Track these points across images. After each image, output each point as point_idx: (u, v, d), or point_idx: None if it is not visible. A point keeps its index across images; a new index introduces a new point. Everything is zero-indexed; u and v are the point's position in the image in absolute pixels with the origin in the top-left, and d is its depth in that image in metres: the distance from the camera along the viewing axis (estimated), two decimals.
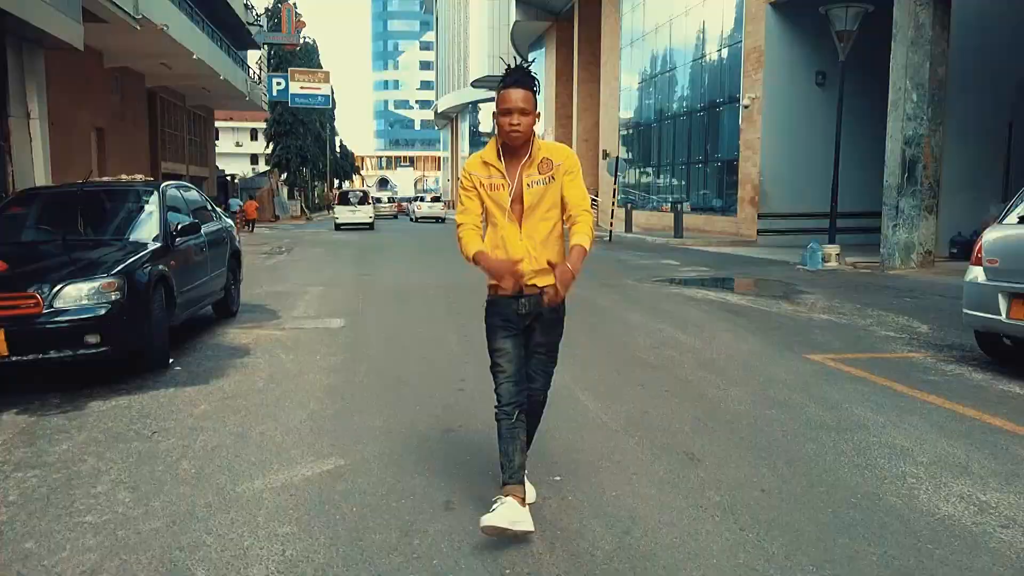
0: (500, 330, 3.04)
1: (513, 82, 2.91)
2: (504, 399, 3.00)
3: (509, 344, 3.04)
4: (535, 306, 3.01)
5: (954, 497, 3.39)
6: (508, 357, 3.03)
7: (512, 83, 2.91)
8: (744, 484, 3.53)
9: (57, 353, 5.28)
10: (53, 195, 7.60)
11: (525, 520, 2.84)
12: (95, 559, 2.86)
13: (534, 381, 3.15)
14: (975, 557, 2.82)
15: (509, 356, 3.03)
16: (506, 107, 2.90)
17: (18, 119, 12.21)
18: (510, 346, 3.04)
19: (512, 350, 3.04)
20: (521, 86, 2.91)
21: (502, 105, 2.91)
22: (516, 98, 2.89)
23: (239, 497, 3.42)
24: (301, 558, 2.84)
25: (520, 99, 2.89)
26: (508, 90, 2.90)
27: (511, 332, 3.04)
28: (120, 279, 5.58)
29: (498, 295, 3.03)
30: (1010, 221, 6.01)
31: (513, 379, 3.02)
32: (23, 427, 4.57)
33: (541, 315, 3.04)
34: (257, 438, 4.25)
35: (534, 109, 2.93)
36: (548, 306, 2.94)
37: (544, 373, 3.18)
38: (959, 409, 4.81)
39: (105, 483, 3.62)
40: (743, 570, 2.71)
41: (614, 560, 2.79)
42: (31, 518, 3.24)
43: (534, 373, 3.15)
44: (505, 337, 3.04)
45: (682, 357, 6.36)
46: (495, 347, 3.06)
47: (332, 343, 7.03)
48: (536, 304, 3.00)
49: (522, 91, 2.90)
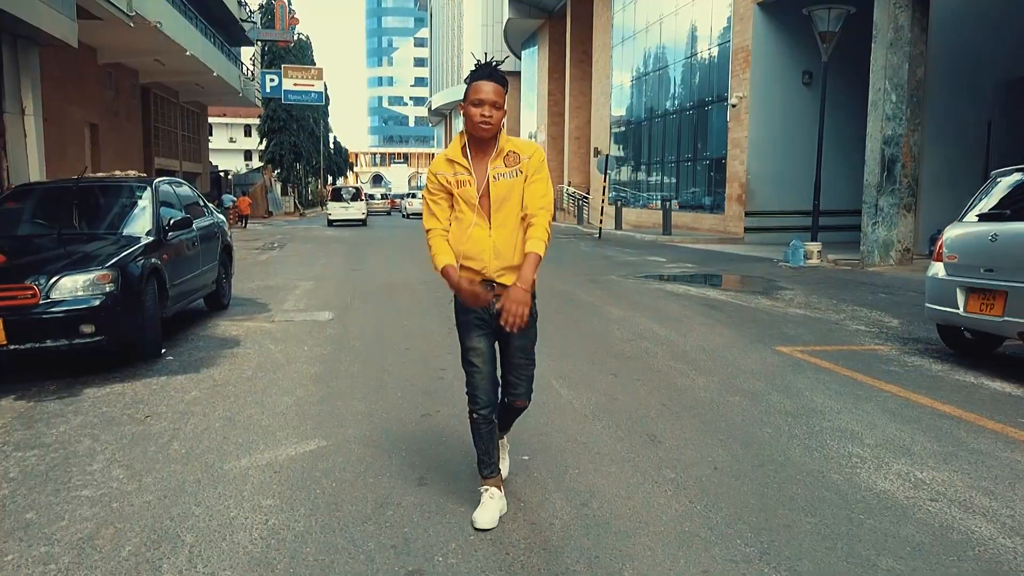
0: (474, 328, 3.02)
1: (486, 75, 2.89)
2: (482, 401, 3.02)
3: (484, 343, 3.02)
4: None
5: (892, 475, 3.64)
6: (483, 356, 3.02)
7: (484, 76, 2.89)
8: (698, 463, 3.78)
9: (53, 342, 5.50)
10: (48, 190, 7.79)
11: (504, 505, 3.14)
12: (91, 527, 3.09)
13: (517, 387, 3.14)
14: (901, 526, 3.08)
15: (483, 355, 3.02)
16: (478, 98, 2.86)
17: (12, 115, 12.40)
18: (485, 345, 3.02)
19: (487, 349, 3.03)
20: (493, 79, 2.88)
21: (474, 96, 2.87)
22: (488, 90, 2.86)
23: (226, 474, 3.66)
24: (282, 526, 3.08)
25: (492, 91, 2.86)
26: (480, 82, 2.87)
27: (484, 331, 3.02)
28: (114, 271, 5.80)
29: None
30: (970, 219, 6.27)
31: (489, 379, 3.03)
32: (21, 411, 4.79)
33: None
34: (244, 421, 4.49)
35: (504, 104, 2.90)
36: (509, 330, 2.87)
37: (526, 378, 3.16)
38: (913, 397, 5.07)
39: (100, 462, 3.85)
40: (687, 536, 2.96)
41: (571, 528, 3.04)
42: (31, 492, 3.46)
43: (516, 379, 3.13)
44: (480, 336, 3.02)
45: (656, 349, 6.61)
46: (469, 345, 3.03)
47: (320, 335, 7.26)
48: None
49: (494, 84, 2.87)
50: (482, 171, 2.95)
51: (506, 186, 2.93)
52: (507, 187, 2.93)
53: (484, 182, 2.94)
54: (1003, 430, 4.34)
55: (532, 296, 2.95)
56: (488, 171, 2.93)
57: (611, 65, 31.71)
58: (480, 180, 2.94)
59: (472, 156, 2.96)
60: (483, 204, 2.94)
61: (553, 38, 39.93)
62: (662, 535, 2.97)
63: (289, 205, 50.08)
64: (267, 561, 2.79)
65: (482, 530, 2.98)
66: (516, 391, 3.15)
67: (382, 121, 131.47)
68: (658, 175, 28.09)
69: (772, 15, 19.83)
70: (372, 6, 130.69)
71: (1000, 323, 5.60)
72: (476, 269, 2.97)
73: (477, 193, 2.94)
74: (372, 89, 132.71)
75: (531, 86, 45.30)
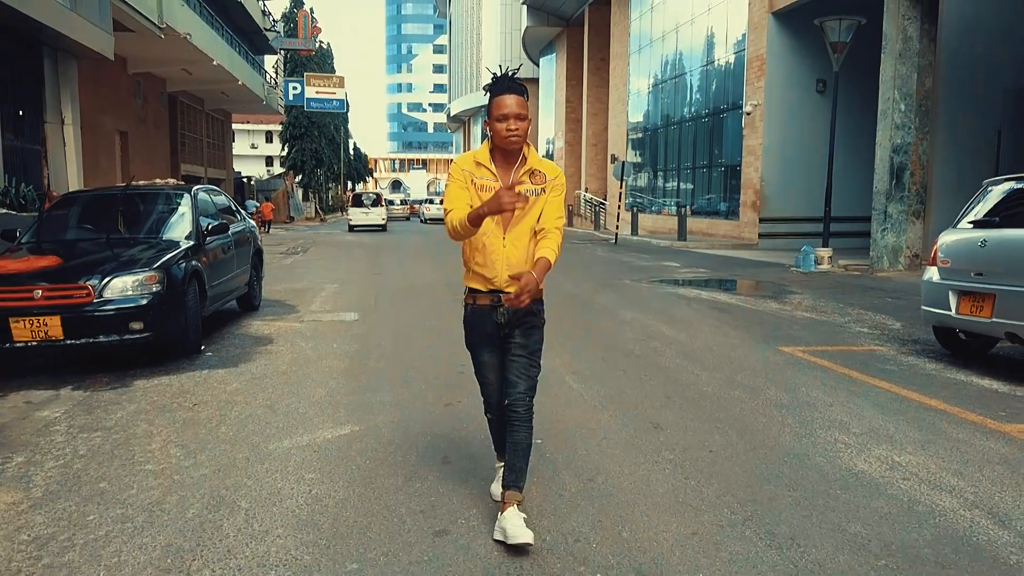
0: (481, 343, 3.20)
1: (506, 88, 2.93)
2: (493, 404, 3.28)
3: (493, 358, 3.19)
4: (513, 314, 3.07)
5: (872, 458, 4.01)
6: (493, 368, 3.21)
7: (505, 89, 2.93)
8: (696, 447, 4.17)
9: (106, 338, 5.98)
10: (93, 197, 8.31)
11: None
12: (158, 494, 3.53)
13: (516, 386, 3.08)
14: (873, 499, 3.45)
15: (493, 368, 3.21)
16: (503, 113, 2.90)
17: (53, 124, 12.99)
18: (493, 359, 3.20)
19: (495, 362, 3.20)
20: (515, 92, 2.93)
21: (498, 111, 2.92)
22: (512, 103, 2.90)
23: (271, 453, 4.09)
24: (324, 495, 3.50)
25: (516, 104, 2.90)
26: (503, 96, 2.92)
27: (492, 346, 3.18)
28: (160, 273, 6.28)
29: (477, 305, 3.14)
30: (963, 226, 6.60)
31: (496, 386, 3.23)
32: (80, 400, 5.26)
33: (519, 322, 3.10)
34: (284, 409, 4.93)
35: (528, 114, 2.95)
36: (507, 304, 2.97)
37: (526, 376, 3.10)
38: (903, 392, 5.42)
39: (158, 442, 4.30)
40: (680, 506, 3.35)
41: (577, 498, 3.44)
42: (101, 467, 3.91)
43: (516, 377, 3.09)
44: (488, 351, 3.19)
45: (664, 348, 6.99)
46: (480, 360, 3.24)
47: (347, 334, 7.70)
48: (514, 312, 3.05)
49: (517, 96, 2.92)
50: (507, 180, 3.00)
51: (531, 202, 3.01)
52: (531, 203, 3.00)
53: None
54: (982, 421, 4.69)
55: (540, 302, 3.13)
56: (514, 184, 2.97)
57: (628, 72, 32.09)
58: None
59: (498, 163, 3.04)
60: (504, 215, 2.99)
61: (571, 45, 40.38)
62: (658, 505, 3.37)
63: (310, 210, 50.81)
64: (313, 522, 3.21)
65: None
66: (515, 389, 3.07)
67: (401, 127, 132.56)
68: (674, 181, 28.41)
69: (786, 24, 20.14)
70: (392, 13, 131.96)
71: (989, 324, 5.93)
72: (488, 277, 3.06)
73: None
74: (392, 95, 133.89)
75: (549, 93, 45.77)
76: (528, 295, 2.88)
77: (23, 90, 12.33)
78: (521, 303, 2.89)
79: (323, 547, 2.98)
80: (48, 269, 6.17)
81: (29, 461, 4.01)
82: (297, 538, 3.06)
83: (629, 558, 2.88)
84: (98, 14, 13.15)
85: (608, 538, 3.05)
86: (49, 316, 5.81)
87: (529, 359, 3.12)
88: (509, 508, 3.01)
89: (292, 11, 44.01)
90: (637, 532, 3.10)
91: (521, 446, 3.06)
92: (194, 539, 3.05)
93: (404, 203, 56.75)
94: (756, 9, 21.04)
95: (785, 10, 19.88)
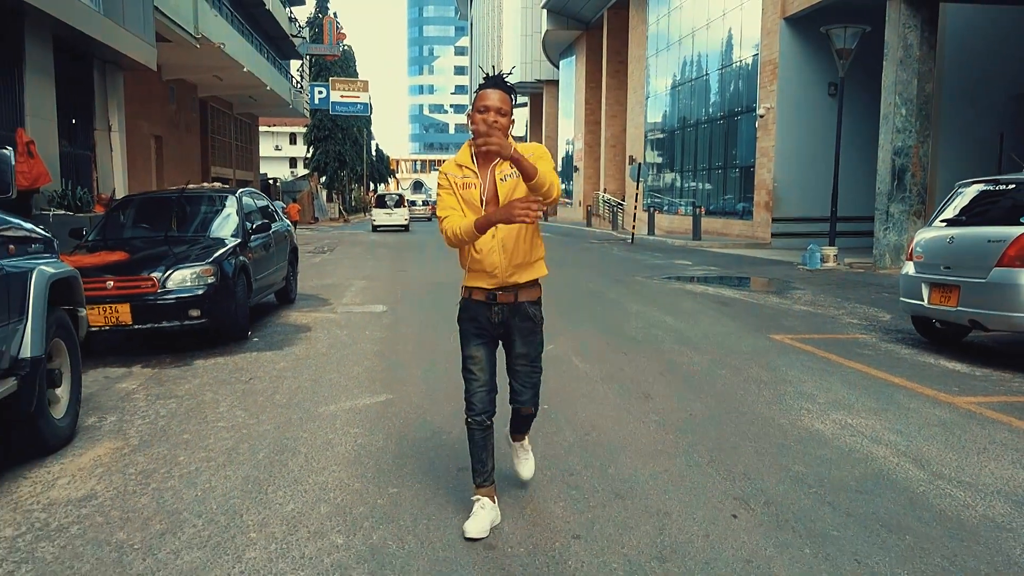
0: (474, 336, 3.13)
1: (492, 84, 2.98)
2: (477, 408, 3.11)
3: (483, 352, 3.11)
4: (509, 314, 3.08)
5: (829, 421, 4.71)
6: (481, 365, 3.11)
7: (491, 84, 2.98)
8: (678, 411, 4.90)
9: (168, 323, 6.81)
10: (150, 199, 9.17)
11: (497, 515, 3.19)
12: (232, 443, 4.31)
13: (521, 395, 3.15)
14: (819, 449, 4.16)
15: (482, 364, 3.11)
16: (484, 104, 2.92)
17: (101, 131, 13.95)
18: (484, 354, 3.11)
19: (485, 358, 3.12)
20: (500, 88, 2.97)
21: (480, 103, 2.94)
22: (495, 97, 2.93)
23: (321, 415, 4.87)
24: (367, 444, 4.27)
25: (498, 99, 2.93)
26: (487, 90, 2.96)
27: (484, 339, 3.12)
28: (215, 266, 7.10)
29: (472, 299, 3.13)
30: (937, 224, 7.26)
31: (486, 387, 3.12)
32: (150, 376, 6.08)
33: (516, 324, 3.11)
34: (327, 382, 5.71)
35: (511, 112, 2.98)
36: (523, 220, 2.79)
37: (530, 385, 3.18)
38: (872, 372, 6.10)
39: (224, 407, 5.10)
40: (657, 453, 4.09)
41: (574, 447, 4.19)
42: (181, 424, 4.71)
43: (521, 386, 3.15)
44: (479, 344, 3.12)
45: (665, 335, 7.70)
46: (468, 354, 3.14)
47: (377, 323, 8.49)
48: (510, 312, 3.08)
49: (500, 92, 2.95)
50: (488, 176, 3.02)
51: (512, 185, 2.98)
52: (513, 186, 2.98)
53: (490, 186, 3.01)
54: (935, 395, 5.37)
55: (537, 304, 3.16)
56: (495, 175, 3.01)
57: (646, 75, 32.74)
58: (486, 185, 3.02)
59: (479, 162, 3.05)
60: (489, 210, 2.97)
61: (590, 48, 41.10)
62: (640, 452, 4.10)
63: (334, 211, 51.91)
64: (360, 462, 3.98)
65: (472, 539, 3.03)
66: (521, 398, 3.19)
67: (423, 128, 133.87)
68: (690, 182, 29.02)
69: (798, 30, 20.71)
70: (414, 16, 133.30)
71: (956, 312, 6.59)
72: (487, 271, 3.06)
73: (483, 197, 3.00)
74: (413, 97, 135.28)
75: (568, 95, 46.50)
76: (496, 146, 2.71)
77: (75, 100, 13.28)
78: (487, 144, 2.74)
79: (369, 478, 3.75)
80: (117, 263, 7.00)
81: (121, 420, 4.82)
82: (348, 472, 3.84)
83: (611, 486, 3.62)
84: (143, 28, 14.08)
85: (596, 473, 3.79)
86: (120, 304, 6.65)
87: (531, 367, 3.19)
88: (518, 443, 3.44)
89: (317, 17, 45.09)
90: (620, 469, 3.84)
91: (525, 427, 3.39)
92: (267, 473, 3.84)
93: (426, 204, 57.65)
94: (769, 15, 21.63)
95: (797, 16, 20.44)
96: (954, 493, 3.55)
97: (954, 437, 4.40)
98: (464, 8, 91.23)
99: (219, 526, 3.20)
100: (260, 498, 3.50)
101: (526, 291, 3.11)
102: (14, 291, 3.75)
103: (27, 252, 4.08)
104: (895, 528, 3.16)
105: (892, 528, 3.16)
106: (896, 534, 3.10)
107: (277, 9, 32.97)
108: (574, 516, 3.29)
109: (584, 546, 3.01)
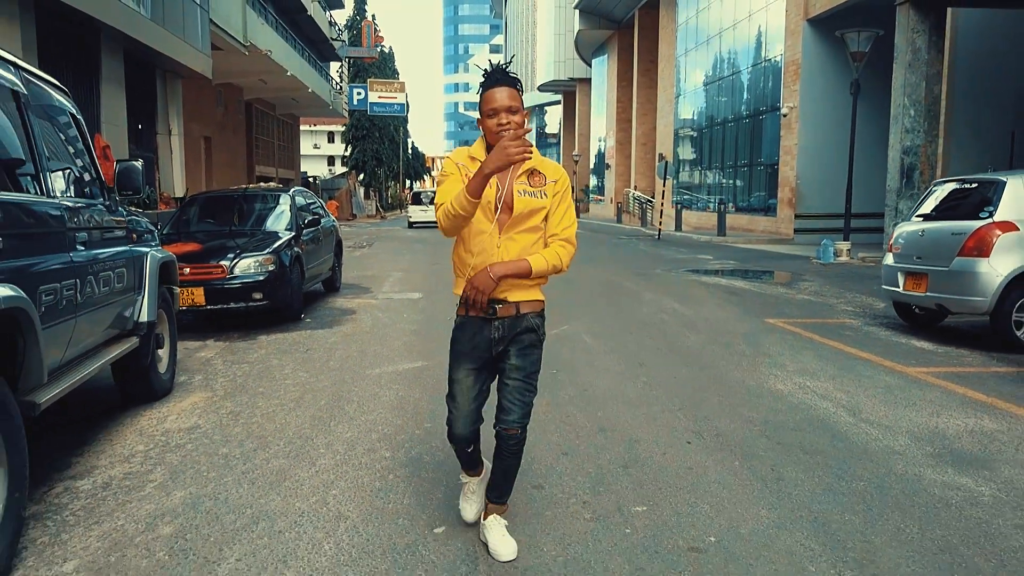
0: (465, 360, 2.89)
1: (495, 81, 2.73)
2: (457, 437, 2.96)
3: (470, 379, 2.90)
4: (509, 330, 2.83)
5: (790, 383, 5.62)
6: (463, 390, 2.90)
7: (494, 83, 2.73)
8: (666, 375, 5.85)
9: (235, 304, 7.92)
10: (211, 198, 10.33)
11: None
12: (298, 395, 5.37)
13: (509, 413, 2.84)
14: (774, 402, 5.08)
15: (464, 390, 2.90)
16: (491, 107, 2.70)
17: (163, 135, 15.23)
18: (470, 380, 2.90)
19: (470, 384, 2.90)
20: (504, 84, 2.72)
21: (487, 106, 2.72)
22: (501, 97, 2.69)
23: (368, 376, 5.91)
24: (407, 396, 5.29)
25: (506, 97, 2.70)
26: (492, 90, 2.72)
27: (475, 364, 2.89)
28: (274, 256, 8.20)
29: (468, 316, 2.84)
30: (914, 219, 8.07)
31: (464, 414, 2.91)
32: (222, 348, 7.18)
33: (516, 339, 2.85)
34: (372, 352, 6.76)
35: (522, 106, 2.74)
36: (469, 295, 2.73)
37: (521, 403, 2.85)
38: (845, 348, 6.97)
39: (288, 369, 6.16)
40: (639, 402, 5.05)
41: (574, 399, 5.16)
42: (256, 381, 5.79)
43: (510, 403, 2.84)
44: (468, 369, 2.89)
45: (671, 319, 8.62)
46: (454, 377, 2.93)
47: (414, 308, 9.54)
48: (510, 328, 2.83)
49: (507, 89, 2.71)
50: (502, 178, 2.76)
51: (529, 204, 2.76)
52: (529, 205, 2.76)
53: (506, 191, 2.76)
54: (892, 366, 6.23)
55: (540, 316, 2.90)
56: (511, 183, 2.77)
57: (676, 74, 33.45)
58: (501, 187, 2.76)
59: None
60: (501, 217, 2.76)
61: (622, 47, 41.85)
62: (625, 402, 5.07)
63: (371, 208, 53.33)
64: (400, 407, 5.01)
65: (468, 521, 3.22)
66: (509, 416, 2.84)
67: (458, 126, 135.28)
68: (718, 179, 29.71)
69: (820, 31, 21.34)
70: (449, 14, 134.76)
71: (924, 297, 7.42)
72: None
73: (495, 200, 2.76)
74: (448, 95, 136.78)
75: (600, 93, 47.29)
76: (479, 294, 2.70)
77: (140, 107, 14.57)
78: (476, 300, 2.71)
79: (408, 417, 4.78)
80: (192, 252, 8.14)
81: (207, 378, 5.91)
82: (392, 414, 4.87)
83: (597, 423, 4.60)
84: (200, 40, 15.33)
85: (587, 416, 4.77)
86: (195, 288, 7.78)
87: (525, 383, 2.88)
88: (491, 516, 3.06)
89: (356, 19, 46.44)
90: (607, 414, 4.81)
91: (510, 471, 2.97)
92: (328, 413, 4.88)
93: None
94: (792, 16, 22.29)
95: (819, 17, 21.08)
96: (870, 432, 4.46)
97: (892, 396, 5.28)
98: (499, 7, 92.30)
99: (296, 445, 4.25)
100: (325, 429, 4.55)
101: (529, 302, 2.85)
102: (136, 270, 4.84)
103: (143, 240, 5.16)
104: (811, 451, 4.09)
105: (809, 451, 4.09)
106: (810, 455, 4.04)
107: (318, 14, 34.34)
108: (565, 441, 4.28)
109: (568, 460, 3.99)
